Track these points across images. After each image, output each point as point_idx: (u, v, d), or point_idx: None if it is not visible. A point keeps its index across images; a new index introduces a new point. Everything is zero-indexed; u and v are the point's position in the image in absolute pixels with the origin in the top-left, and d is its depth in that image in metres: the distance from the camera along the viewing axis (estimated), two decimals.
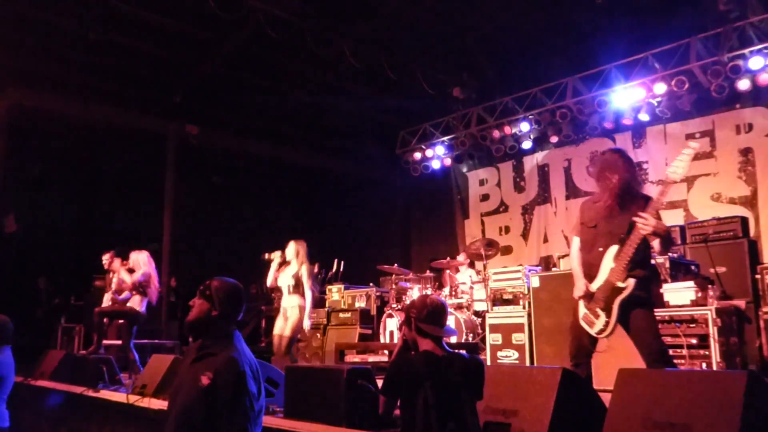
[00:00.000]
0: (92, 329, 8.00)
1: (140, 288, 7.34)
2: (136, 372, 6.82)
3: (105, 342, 7.37)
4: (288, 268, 6.99)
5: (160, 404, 5.29)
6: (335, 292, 9.24)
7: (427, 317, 3.07)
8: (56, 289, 10.25)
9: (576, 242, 4.28)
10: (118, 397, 6.11)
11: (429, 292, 8.30)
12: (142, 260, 7.51)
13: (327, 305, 9.23)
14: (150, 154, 11.35)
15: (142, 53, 9.54)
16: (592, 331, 3.99)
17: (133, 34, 9.01)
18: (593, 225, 4.14)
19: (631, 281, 3.83)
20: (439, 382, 2.92)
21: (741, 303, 6.57)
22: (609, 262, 3.94)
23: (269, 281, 7.08)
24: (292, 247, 6.99)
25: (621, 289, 3.86)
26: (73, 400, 6.56)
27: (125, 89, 10.38)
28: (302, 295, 6.86)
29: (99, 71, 9.85)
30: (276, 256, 6.98)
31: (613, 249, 3.93)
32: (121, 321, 7.56)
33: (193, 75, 10.20)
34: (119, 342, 7.40)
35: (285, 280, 6.95)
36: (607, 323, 3.91)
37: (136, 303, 7.33)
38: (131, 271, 7.43)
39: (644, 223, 3.76)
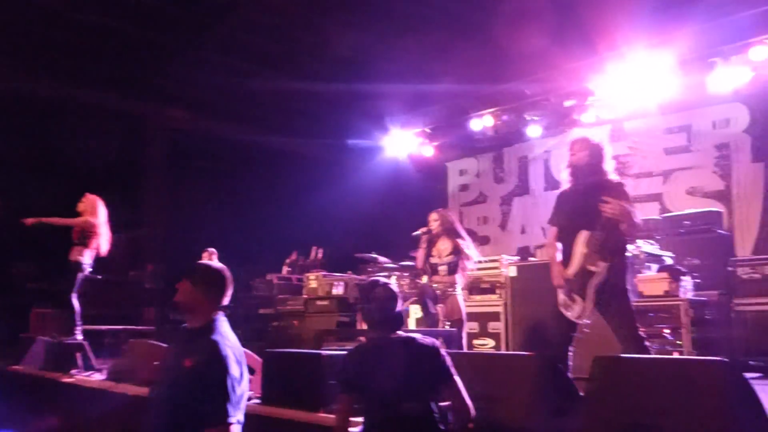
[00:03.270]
0: (65, 314, 7.83)
1: (82, 236, 7.03)
2: (74, 323, 6.92)
3: (80, 327, 7.21)
4: (439, 243, 6.16)
5: (135, 390, 5.26)
6: (313, 280, 9.19)
7: (374, 304, 3.06)
8: (29, 274, 10.06)
9: (552, 231, 4.39)
10: (93, 383, 6.08)
11: (383, 278, 8.34)
12: (90, 205, 7.20)
13: (304, 293, 9.21)
14: (131, 138, 11.18)
15: (124, 34, 9.38)
16: (570, 316, 4.08)
17: (116, 14, 8.85)
18: (567, 213, 4.27)
19: (603, 265, 3.94)
20: (389, 367, 2.89)
21: (714, 295, 6.70)
22: (581, 247, 4.05)
23: (419, 262, 6.28)
24: (438, 218, 6.15)
25: (594, 274, 3.97)
26: (48, 387, 6.50)
27: (106, 71, 10.22)
28: (458, 272, 6.07)
29: (80, 53, 9.68)
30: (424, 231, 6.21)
31: (584, 234, 4.04)
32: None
33: (177, 58, 10.06)
34: (97, 327, 7.27)
35: (437, 258, 6.15)
36: (583, 308, 4.01)
37: (77, 252, 7.02)
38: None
39: (609, 207, 3.89)
